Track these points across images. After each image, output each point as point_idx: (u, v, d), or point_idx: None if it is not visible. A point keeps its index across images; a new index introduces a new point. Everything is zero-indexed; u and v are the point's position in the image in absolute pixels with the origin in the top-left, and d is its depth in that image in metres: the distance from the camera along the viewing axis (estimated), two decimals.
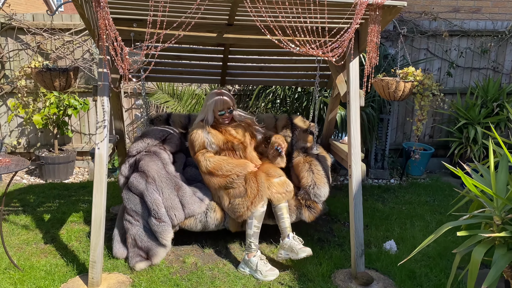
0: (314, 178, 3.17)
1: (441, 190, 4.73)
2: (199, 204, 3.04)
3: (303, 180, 3.19)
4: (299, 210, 3.19)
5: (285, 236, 2.99)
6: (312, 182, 3.15)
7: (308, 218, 3.17)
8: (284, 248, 2.96)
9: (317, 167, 3.21)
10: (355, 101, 3.06)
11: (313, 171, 3.19)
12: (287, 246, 2.94)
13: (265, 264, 2.95)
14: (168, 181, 3.03)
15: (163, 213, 2.92)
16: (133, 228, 2.97)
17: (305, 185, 3.16)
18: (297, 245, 2.92)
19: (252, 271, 2.95)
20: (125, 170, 3.12)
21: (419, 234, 3.62)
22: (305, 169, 3.22)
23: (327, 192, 3.17)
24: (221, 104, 3.25)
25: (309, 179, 3.16)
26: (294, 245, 2.91)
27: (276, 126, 3.74)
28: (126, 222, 3.00)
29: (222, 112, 3.27)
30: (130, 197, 3.01)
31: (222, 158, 3.17)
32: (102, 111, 2.91)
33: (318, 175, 3.19)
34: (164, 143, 3.32)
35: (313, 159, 3.30)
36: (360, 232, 2.93)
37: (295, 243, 2.93)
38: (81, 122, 5.18)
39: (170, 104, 4.75)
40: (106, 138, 2.89)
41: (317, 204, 3.17)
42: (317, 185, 3.14)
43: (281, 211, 3.06)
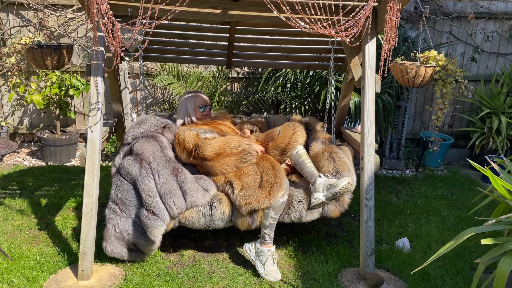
0: (336, 166, 2.87)
1: (460, 183, 4.45)
2: (203, 193, 2.72)
3: (323, 169, 2.87)
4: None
5: (316, 178, 2.75)
6: (333, 169, 2.85)
7: (333, 212, 2.83)
8: (318, 189, 2.71)
9: (338, 154, 2.92)
10: (370, 87, 2.80)
11: (334, 159, 2.90)
12: (322, 185, 2.71)
13: (273, 263, 2.72)
14: (166, 164, 2.73)
15: (157, 205, 2.62)
16: (118, 219, 2.68)
17: (325, 174, 2.85)
18: (332, 179, 2.72)
19: (256, 259, 2.74)
20: (119, 160, 2.87)
21: (434, 231, 3.37)
22: (324, 158, 2.92)
23: (354, 180, 2.85)
24: (202, 100, 3.18)
25: (330, 167, 2.86)
26: (329, 180, 2.70)
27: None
28: (109, 210, 2.71)
29: (203, 107, 3.17)
30: (120, 183, 2.72)
31: (224, 136, 2.95)
32: (96, 92, 2.71)
33: (340, 161, 2.89)
34: (163, 130, 3.06)
35: (333, 147, 3.01)
36: (370, 229, 2.70)
37: (330, 178, 2.73)
38: (84, 103, 5.01)
39: (175, 86, 4.53)
40: (99, 121, 2.69)
41: (342, 195, 2.80)
42: (340, 172, 2.84)
43: (302, 157, 2.86)
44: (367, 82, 2.80)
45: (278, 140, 2.97)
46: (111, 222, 2.72)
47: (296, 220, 2.79)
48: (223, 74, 4.61)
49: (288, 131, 2.97)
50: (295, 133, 2.95)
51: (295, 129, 2.98)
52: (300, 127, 3.00)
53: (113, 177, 2.82)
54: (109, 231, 2.71)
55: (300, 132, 2.98)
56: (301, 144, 2.94)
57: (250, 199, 2.67)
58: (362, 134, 2.79)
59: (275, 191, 2.68)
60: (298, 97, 4.36)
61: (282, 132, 2.99)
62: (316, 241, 3.14)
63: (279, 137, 2.99)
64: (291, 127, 3.00)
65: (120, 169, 2.77)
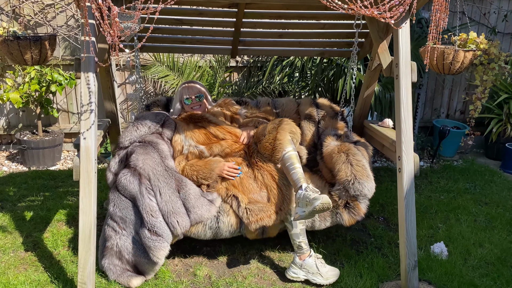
0: (354, 171, 2.54)
1: (480, 174, 4.17)
2: (208, 207, 2.42)
3: (339, 174, 2.57)
4: (335, 211, 2.60)
5: (298, 188, 2.35)
6: (351, 176, 2.52)
7: (347, 221, 2.58)
8: (297, 202, 2.32)
9: (356, 157, 2.59)
10: (406, 75, 2.44)
11: (352, 163, 2.56)
12: (300, 199, 2.29)
13: (324, 264, 2.48)
14: (167, 179, 2.40)
15: (160, 225, 2.31)
16: (117, 237, 2.38)
17: (342, 180, 2.54)
18: (311, 194, 2.25)
19: (309, 274, 2.46)
20: (115, 166, 2.50)
21: (468, 232, 3.08)
22: (341, 161, 2.59)
23: (372, 187, 2.56)
24: (186, 90, 2.85)
25: (347, 172, 2.54)
26: (307, 195, 2.25)
27: (299, 111, 3.11)
28: (108, 227, 2.40)
29: (187, 97, 2.84)
30: (118, 201, 2.39)
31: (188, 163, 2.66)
32: (87, 91, 2.28)
33: (358, 166, 2.56)
34: (163, 127, 2.69)
35: (351, 147, 2.66)
36: (412, 240, 2.37)
37: (309, 193, 2.26)
38: (68, 99, 4.53)
39: (170, 78, 4.09)
40: (93, 125, 2.27)
41: (358, 204, 2.56)
42: (359, 179, 2.52)
43: (289, 161, 2.45)
44: (402, 71, 2.43)
45: (263, 144, 2.59)
46: (110, 240, 2.40)
47: (308, 228, 2.62)
48: (222, 64, 4.19)
49: (270, 135, 2.55)
50: (278, 133, 2.53)
51: (279, 126, 2.55)
52: (287, 122, 2.58)
53: (110, 191, 2.47)
54: (108, 249, 2.39)
55: (286, 128, 2.54)
56: (288, 145, 2.50)
57: (261, 215, 2.44)
58: (399, 131, 2.44)
59: (286, 207, 2.48)
60: (307, 86, 3.97)
61: (267, 134, 2.58)
62: (344, 250, 2.81)
63: (263, 140, 2.59)
64: (275, 125, 2.57)
65: (117, 184, 2.41)
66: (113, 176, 2.48)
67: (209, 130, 2.72)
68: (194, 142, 2.71)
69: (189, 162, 2.63)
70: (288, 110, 3.06)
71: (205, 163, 2.58)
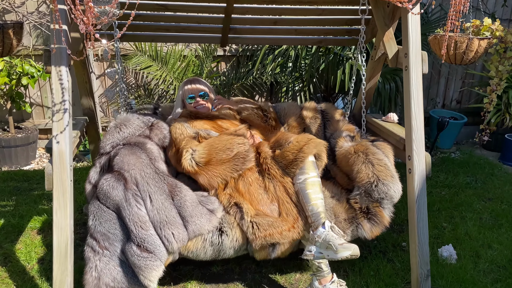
0: (376, 171, 2.23)
1: (480, 167, 4.01)
2: (208, 217, 2.08)
3: (359, 175, 2.24)
4: (355, 222, 2.25)
5: (318, 225, 2.07)
6: (374, 177, 2.22)
7: (370, 233, 2.24)
8: (315, 242, 2.06)
9: (377, 156, 2.29)
10: (416, 66, 2.22)
11: (372, 162, 2.25)
12: (321, 240, 2.03)
13: None
14: (159, 183, 2.06)
15: (151, 239, 1.97)
16: (97, 259, 1.98)
17: (363, 182, 2.23)
18: (337, 239, 2.01)
19: None
20: (94, 176, 2.19)
21: (475, 231, 2.90)
22: (359, 161, 2.28)
23: (399, 189, 2.24)
24: (190, 90, 2.55)
25: (369, 173, 2.21)
26: (332, 238, 2.00)
27: (302, 116, 2.84)
28: (88, 248, 2.02)
29: (191, 96, 2.54)
30: (99, 212, 2.03)
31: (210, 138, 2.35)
32: (60, 88, 1.99)
33: (380, 166, 2.24)
34: (151, 130, 2.38)
35: (369, 145, 2.37)
36: (424, 247, 2.17)
37: (333, 235, 2.02)
38: (42, 92, 4.18)
39: (153, 69, 3.79)
40: (68, 127, 1.99)
41: (381, 210, 2.25)
42: (382, 180, 2.21)
43: (312, 188, 2.14)
44: (412, 61, 2.21)
45: (284, 152, 2.27)
46: (88, 264, 2.02)
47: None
48: (209, 53, 3.90)
49: (296, 144, 2.25)
50: (307, 145, 2.23)
51: (310, 140, 2.27)
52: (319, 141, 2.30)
53: (89, 202, 2.14)
54: (86, 275, 2.00)
55: (316, 146, 2.26)
56: (312, 169, 2.20)
57: (270, 231, 2.09)
58: (409, 128, 2.22)
59: (301, 224, 2.16)
60: (301, 78, 3.72)
61: (293, 142, 2.28)
62: None
63: (286, 148, 2.28)
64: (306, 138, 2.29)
65: (98, 192, 2.06)
66: (91, 187, 2.17)
67: (217, 123, 2.46)
68: (203, 130, 2.40)
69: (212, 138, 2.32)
70: (290, 115, 2.79)
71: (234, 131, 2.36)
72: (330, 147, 2.67)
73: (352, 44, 3.07)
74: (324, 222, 2.09)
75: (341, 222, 2.25)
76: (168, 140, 2.43)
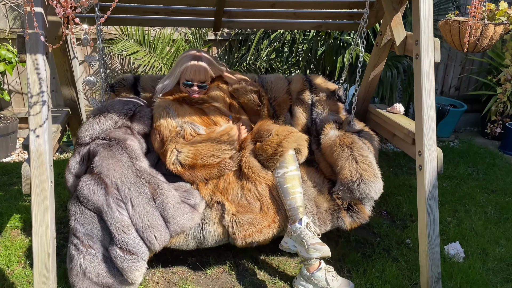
0: (360, 170, 2.17)
1: (481, 157, 3.90)
2: (190, 215, 2.02)
3: (343, 172, 2.20)
4: (336, 215, 2.23)
5: (295, 219, 2.07)
6: (357, 175, 2.16)
7: (349, 225, 2.23)
8: (291, 235, 2.08)
9: (362, 152, 2.21)
10: (428, 54, 2.05)
11: (357, 159, 2.19)
12: (296, 234, 2.05)
13: (336, 277, 2.13)
14: (140, 187, 1.95)
15: (134, 242, 1.90)
16: (81, 257, 1.92)
17: (346, 179, 2.18)
18: (311, 237, 2.02)
19: None
20: (75, 166, 2.05)
21: (480, 226, 2.79)
22: (344, 156, 2.21)
23: (380, 188, 2.20)
24: (192, 72, 2.30)
25: (352, 171, 2.17)
26: (306, 236, 2.02)
27: (290, 90, 2.68)
28: (71, 246, 1.95)
29: (189, 83, 2.33)
30: (80, 214, 1.94)
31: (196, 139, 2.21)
32: (37, 78, 1.78)
33: (364, 164, 2.19)
34: (132, 120, 2.23)
35: (355, 139, 2.28)
36: (435, 249, 2.04)
37: (308, 233, 2.03)
38: (21, 79, 3.92)
39: (141, 55, 3.55)
40: (47, 121, 1.79)
41: (362, 206, 2.22)
42: (365, 179, 2.16)
43: (291, 182, 2.11)
44: (423, 49, 2.04)
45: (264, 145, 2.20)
46: (73, 261, 1.96)
47: None
48: (200, 37, 3.68)
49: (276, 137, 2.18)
50: (286, 139, 2.16)
51: (290, 133, 2.19)
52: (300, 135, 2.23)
53: (70, 202, 2.00)
54: (71, 272, 1.95)
55: (296, 139, 2.19)
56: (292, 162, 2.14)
57: (250, 230, 2.08)
58: (420, 121, 2.06)
59: (281, 218, 2.15)
60: (298, 64, 3.52)
61: (273, 135, 2.20)
62: (349, 254, 2.47)
63: (266, 141, 2.20)
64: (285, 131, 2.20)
65: (78, 194, 1.94)
66: (73, 178, 2.04)
67: (209, 116, 2.31)
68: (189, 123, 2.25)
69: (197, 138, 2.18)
70: (277, 89, 2.64)
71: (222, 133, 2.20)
72: (316, 128, 2.58)
73: (353, 29, 2.88)
74: (301, 218, 2.06)
75: (322, 213, 2.22)
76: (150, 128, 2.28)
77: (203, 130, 2.24)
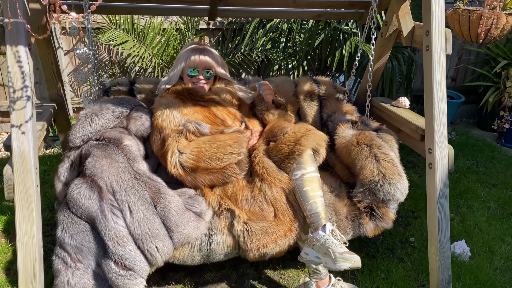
0: (382, 168, 1.99)
1: (479, 149, 3.83)
2: (196, 224, 1.82)
3: (363, 172, 2.02)
4: (357, 221, 2.05)
5: (318, 227, 1.85)
6: (379, 174, 1.98)
7: (372, 232, 2.05)
8: (313, 245, 1.86)
9: (382, 149, 2.04)
10: (440, 46, 1.94)
11: (378, 157, 2.01)
12: (319, 244, 1.82)
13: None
14: (139, 191, 1.76)
15: (131, 255, 1.70)
16: (69, 273, 1.72)
17: (367, 180, 2.00)
18: (338, 246, 1.77)
19: None
20: (64, 173, 1.87)
21: (484, 222, 2.72)
22: (363, 155, 2.03)
23: (405, 188, 2.02)
24: (198, 58, 2.14)
25: (373, 170, 1.99)
26: (331, 245, 1.78)
27: (297, 92, 2.54)
28: (58, 260, 1.75)
29: (194, 70, 2.16)
30: (70, 223, 1.73)
31: (201, 139, 2.01)
32: (19, 72, 1.62)
33: (386, 162, 2.01)
34: (128, 121, 2.04)
35: (373, 137, 2.11)
36: (446, 250, 1.95)
37: (334, 241, 1.79)
38: (2, 70, 3.71)
39: (130, 45, 3.37)
40: (30, 121, 1.64)
41: (387, 210, 2.03)
42: (389, 179, 1.98)
43: (310, 185, 1.90)
44: (434, 40, 1.93)
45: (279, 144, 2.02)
46: (59, 277, 1.74)
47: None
48: (192, 26, 3.51)
49: (293, 135, 2.00)
50: (304, 137, 1.97)
51: (309, 131, 2.01)
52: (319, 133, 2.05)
53: (58, 210, 1.81)
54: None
55: (315, 137, 2.00)
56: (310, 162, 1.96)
57: (264, 240, 1.87)
58: (430, 117, 1.96)
59: (298, 226, 1.95)
60: (295, 54, 3.38)
61: (289, 133, 2.02)
62: None
63: (281, 140, 2.02)
64: (304, 129, 2.02)
65: (68, 200, 1.74)
66: (62, 186, 1.85)
67: (215, 112, 2.13)
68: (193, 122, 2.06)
69: (202, 139, 1.98)
70: (284, 92, 2.49)
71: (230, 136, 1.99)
72: (328, 131, 2.42)
73: (355, 19, 2.74)
74: (325, 224, 1.86)
75: (342, 220, 2.04)
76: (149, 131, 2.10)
77: (208, 130, 2.04)
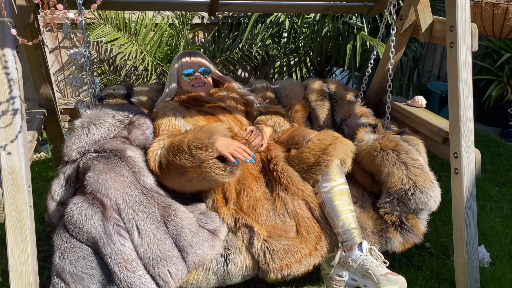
0: (411, 175, 1.84)
1: (484, 145, 3.75)
2: (211, 243, 1.65)
3: (391, 180, 1.86)
4: (384, 235, 1.89)
5: (352, 245, 1.71)
6: (409, 182, 1.83)
7: (401, 246, 1.88)
8: (348, 267, 1.70)
9: (410, 154, 1.88)
10: (465, 43, 1.81)
11: (406, 163, 1.86)
12: (356, 265, 1.67)
13: None
14: (148, 208, 1.58)
15: (141, 282, 1.52)
16: None
17: (396, 188, 1.85)
18: (378, 267, 1.63)
19: None
20: (59, 190, 1.67)
21: (499, 224, 2.62)
22: (389, 161, 1.87)
23: (438, 196, 1.87)
24: (189, 60, 2.04)
25: (403, 178, 1.83)
26: (371, 266, 1.63)
27: (307, 96, 2.39)
28: None
29: (188, 72, 2.02)
30: (69, 248, 1.53)
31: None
32: (6, 81, 1.43)
33: (416, 168, 1.85)
34: (129, 130, 1.85)
35: (398, 141, 1.96)
36: (474, 261, 1.84)
37: (373, 261, 1.65)
38: None
39: (121, 42, 3.16)
40: (21, 135, 1.45)
41: (417, 222, 1.88)
42: (420, 186, 1.82)
43: (341, 198, 1.75)
44: (460, 36, 1.79)
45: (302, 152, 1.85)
46: None
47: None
48: (185, 21, 3.31)
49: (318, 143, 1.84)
50: (333, 146, 1.81)
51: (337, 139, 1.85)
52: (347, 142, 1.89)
53: (54, 233, 1.61)
54: None
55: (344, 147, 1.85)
56: (339, 174, 1.80)
57: (287, 260, 1.68)
58: (456, 119, 1.83)
59: (324, 244, 1.76)
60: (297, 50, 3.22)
61: (313, 140, 1.86)
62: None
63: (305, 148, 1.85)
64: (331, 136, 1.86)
65: (66, 221, 1.54)
66: (56, 206, 1.65)
67: (220, 119, 1.98)
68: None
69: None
70: (293, 96, 2.34)
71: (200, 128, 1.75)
72: (343, 135, 2.25)
73: (363, 12, 2.59)
74: (361, 242, 1.70)
75: (369, 236, 1.87)
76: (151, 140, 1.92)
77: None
